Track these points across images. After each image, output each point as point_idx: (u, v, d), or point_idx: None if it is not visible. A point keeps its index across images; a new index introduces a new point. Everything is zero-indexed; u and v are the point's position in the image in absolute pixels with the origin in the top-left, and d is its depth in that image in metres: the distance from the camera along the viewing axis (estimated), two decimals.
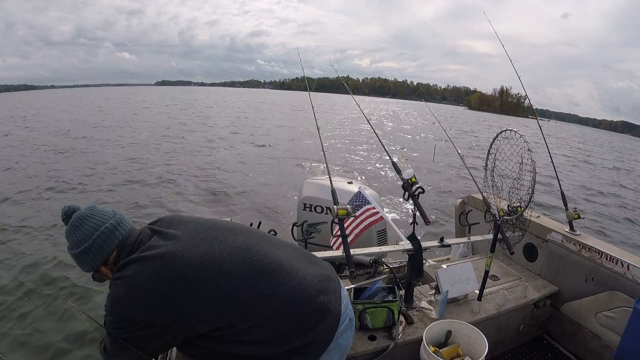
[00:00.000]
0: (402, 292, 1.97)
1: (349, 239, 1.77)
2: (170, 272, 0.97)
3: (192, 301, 0.97)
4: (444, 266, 2.22)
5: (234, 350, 1.03)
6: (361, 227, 1.95)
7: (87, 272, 1.10)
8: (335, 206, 1.74)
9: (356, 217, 1.99)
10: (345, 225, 1.88)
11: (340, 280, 1.25)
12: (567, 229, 2.27)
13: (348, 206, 1.77)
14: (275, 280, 1.04)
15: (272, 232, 1.68)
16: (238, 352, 1.03)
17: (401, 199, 1.99)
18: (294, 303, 1.04)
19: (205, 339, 1.03)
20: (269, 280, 1.04)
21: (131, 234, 1.08)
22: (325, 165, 2.13)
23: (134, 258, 1.01)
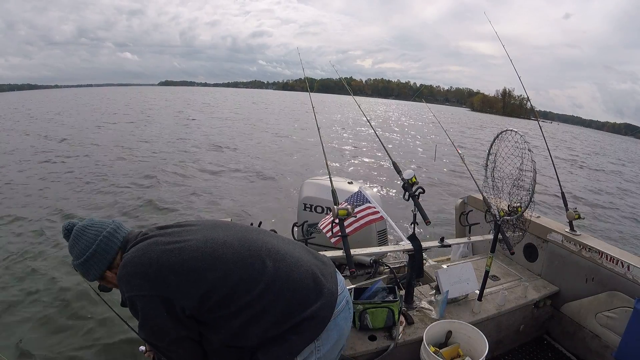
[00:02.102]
0: (403, 292, 1.98)
1: (347, 231, 1.77)
2: (175, 244, 1.05)
3: (197, 272, 1.02)
4: (444, 266, 2.23)
5: (232, 334, 1.04)
6: (361, 222, 1.95)
7: (93, 282, 1.14)
8: (335, 206, 1.74)
9: (355, 214, 1.99)
10: (345, 223, 1.88)
11: (335, 267, 1.27)
12: (567, 229, 2.27)
13: (348, 206, 1.77)
14: (274, 258, 1.10)
15: (272, 232, 1.69)
16: (236, 335, 1.04)
17: (401, 199, 1.98)
18: (293, 278, 1.09)
19: (206, 328, 1.05)
20: (268, 258, 1.09)
21: (132, 233, 1.16)
22: (325, 165, 2.13)
23: (142, 238, 1.09)
